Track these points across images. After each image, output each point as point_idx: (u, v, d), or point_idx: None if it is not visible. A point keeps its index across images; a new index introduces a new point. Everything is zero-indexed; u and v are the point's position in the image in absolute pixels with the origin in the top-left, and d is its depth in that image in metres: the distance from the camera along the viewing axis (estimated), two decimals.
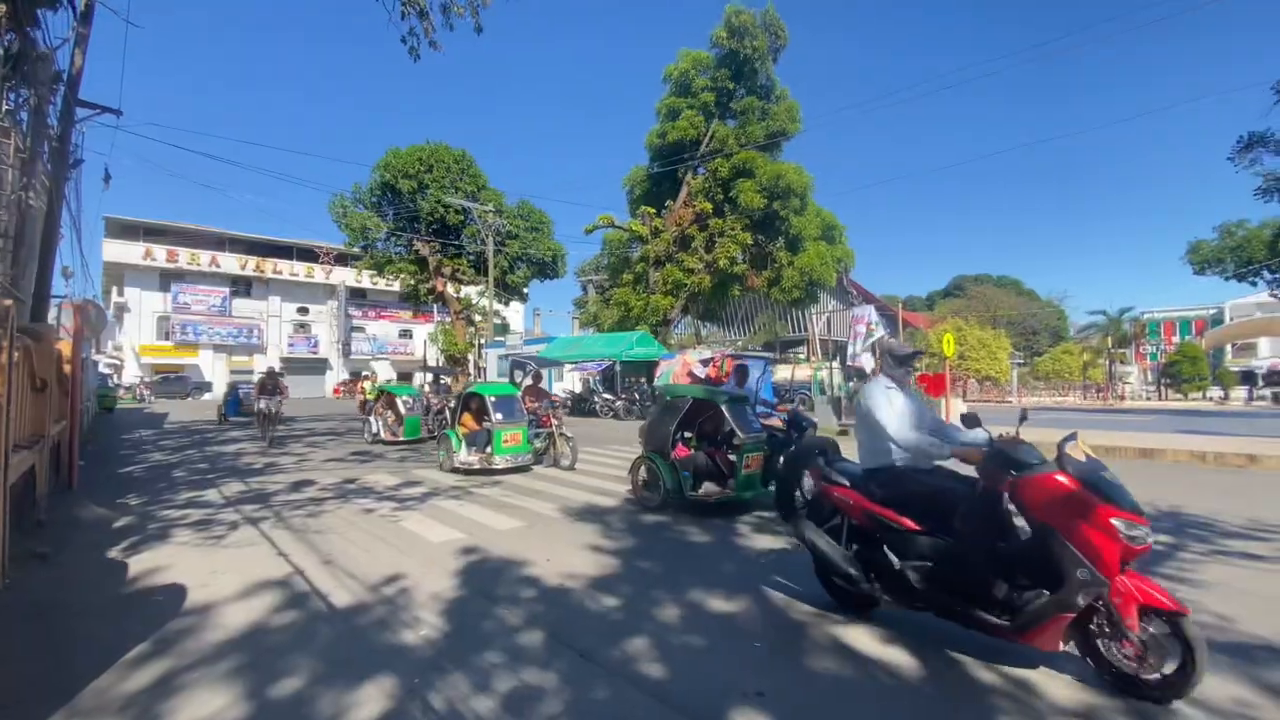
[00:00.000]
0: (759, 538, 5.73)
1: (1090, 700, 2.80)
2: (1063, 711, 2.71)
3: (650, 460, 6.83)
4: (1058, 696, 2.83)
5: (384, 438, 13.24)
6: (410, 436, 13.21)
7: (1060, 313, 63.22)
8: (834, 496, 3.71)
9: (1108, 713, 2.70)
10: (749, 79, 23.34)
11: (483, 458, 9.14)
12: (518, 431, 9.32)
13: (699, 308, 27.40)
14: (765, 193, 21.52)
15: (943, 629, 3.51)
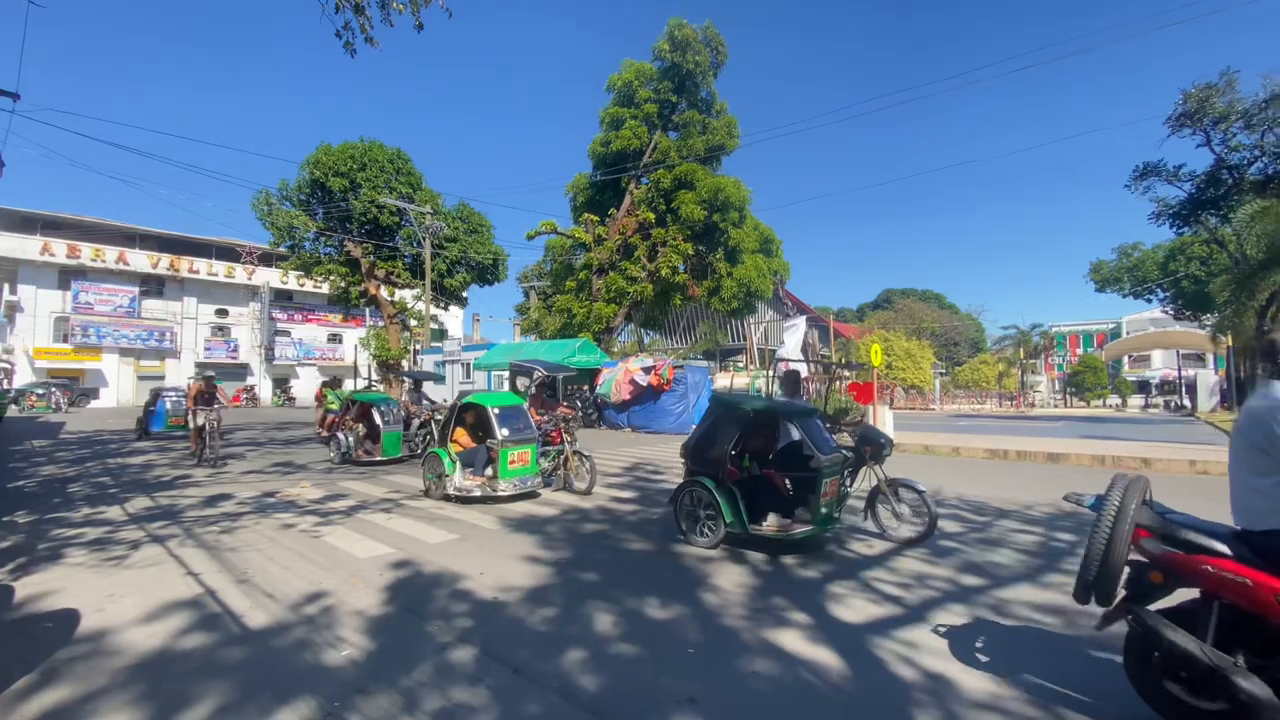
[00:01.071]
0: None
1: (999, 692, 2.97)
2: (975, 704, 2.86)
3: (700, 486, 5.49)
4: (972, 689, 2.99)
5: (356, 456, 11.09)
6: (390, 455, 11.14)
7: (978, 326, 67.40)
8: (1201, 571, 2.45)
9: (1014, 703, 2.87)
10: (690, 92, 23.81)
11: (483, 482, 7.58)
12: (526, 450, 7.73)
13: (641, 315, 27.58)
14: (705, 205, 21.96)
15: (868, 629, 3.66)
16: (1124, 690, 2.76)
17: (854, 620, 3.86)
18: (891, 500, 5.77)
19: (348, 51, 7.52)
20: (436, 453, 7.98)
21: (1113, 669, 3.01)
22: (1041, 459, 11.99)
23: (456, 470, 7.67)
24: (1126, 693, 2.74)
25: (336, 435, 11.51)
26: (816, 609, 4.05)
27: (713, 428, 5.65)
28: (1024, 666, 3.22)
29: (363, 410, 11.67)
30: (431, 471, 8.04)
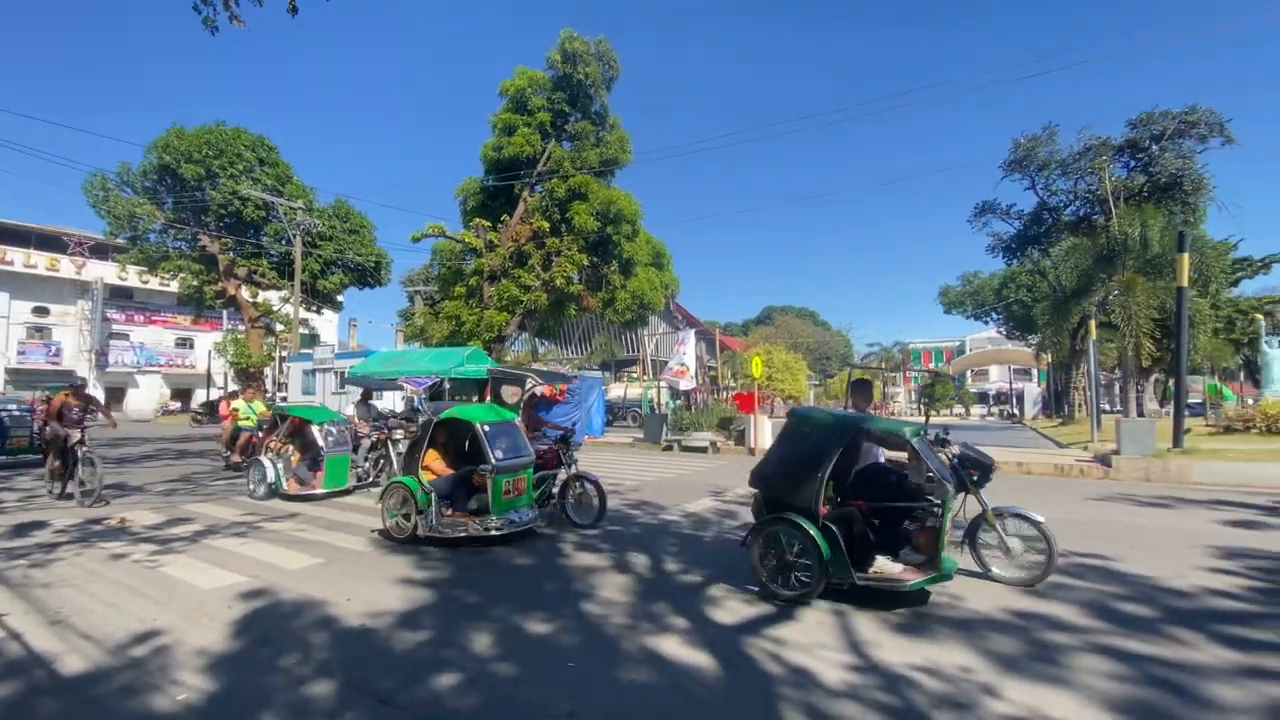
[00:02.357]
0: (581, 556, 5.78)
1: (856, 681, 3.23)
2: (833, 693, 3.09)
3: (790, 525, 4.34)
4: (830, 680, 3.22)
5: (287, 488, 8.73)
6: (334, 486, 8.88)
7: (848, 341, 73.32)
8: None
9: (870, 690, 3.13)
10: (584, 105, 23.95)
11: (468, 519, 6.08)
12: (522, 477, 6.35)
13: (536, 325, 27.20)
14: (599, 217, 22.14)
15: (742, 629, 3.84)
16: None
17: (729, 621, 4.03)
18: (1000, 533, 4.82)
19: (208, 28, 6.88)
20: (403, 483, 6.22)
21: (966, 649, 3.37)
22: None
23: (432, 505, 6.01)
24: None
25: (259, 461, 8.95)
26: (695, 613, 4.19)
27: (800, 449, 4.55)
28: (878, 653, 3.52)
29: (295, 428, 9.26)
30: (396, 507, 6.25)
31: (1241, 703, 2.99)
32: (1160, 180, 25.52)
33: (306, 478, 8.96)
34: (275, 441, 9.15)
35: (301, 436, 9.29)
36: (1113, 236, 21.95)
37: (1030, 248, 31.26)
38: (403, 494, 6.23)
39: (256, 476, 8.94)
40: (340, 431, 9.25)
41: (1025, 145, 28.57)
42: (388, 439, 9.99)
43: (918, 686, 3.14)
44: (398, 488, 6.32)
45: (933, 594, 4.59)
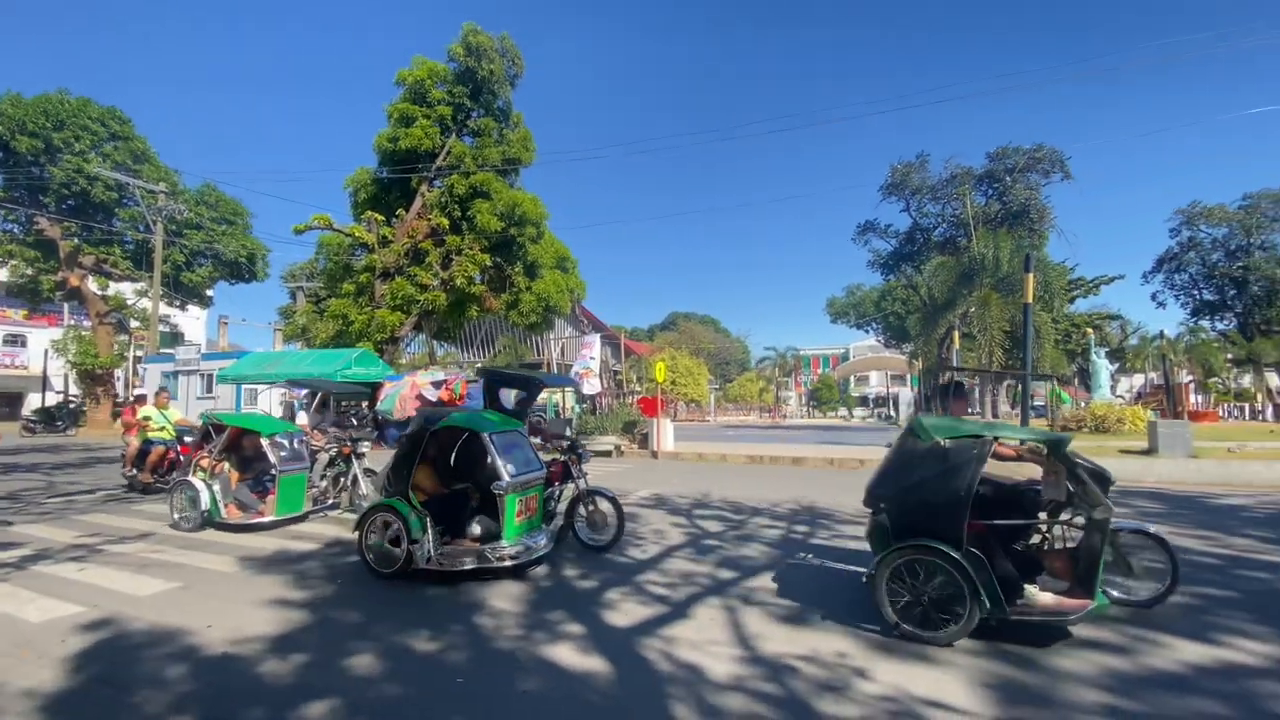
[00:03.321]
0: None
1: (743, 673, 3.36)
2: (722, 687, 3.20)
3: (932, 553, 3.74)
4: (719, 675, 3.34)
5: (226, 515, 7.09)
6: (288, 511, 7.29)
7: (745, 348, 76.61)
8: None
9: (756, 681, 3.27)
10: (487, 101, 23.39)
11: (471, 546, 5.22)
12: (534, 495, 5.58)
13: (433, 326, 26.07)
14: (503, 217, 21.67)
15: (636, 631, 3.89)
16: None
17: (624, 624, 4.07)
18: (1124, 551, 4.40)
19: None
20: (391, 506, 5.16)
21: (835, 640, 3.60)
22: (788, 462, 13.96)
23: (428, 532, 5.05)
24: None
25: (187, 483, 7.18)
26: (591, 618, 4.19)
27: (935, 465, 3.92)
28: (765, 645, 3.69)
29: (234, 441, 7.59)
30: (380, 536, 5.18)
31: (1079, 671, 3.42)
32: (1012, 208, 28.90)
33: (251, 502, 7.33)
34: (207, 458, 7.36)
35: (240, 451, 7.67)
36: (972, 257, 24.54)
37: (905, 264, 34.24)
38: (390, 519, 5.13)
39: (184, 502, 7.14)
40: (296, 444, 7.60)
41: (901, 171, 31.36)
42: (352, 452, 8.31)
43: (799, 674, 3.33)
44: (383, 511, 5.19)
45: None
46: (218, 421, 7.65)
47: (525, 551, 5.14)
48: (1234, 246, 33.78)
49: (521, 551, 5.10)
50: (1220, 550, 6.09)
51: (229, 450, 7.55)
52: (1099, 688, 3.21)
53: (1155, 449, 12.29)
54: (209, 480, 7.17)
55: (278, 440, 7.34)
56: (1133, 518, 7.75)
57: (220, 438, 7.42)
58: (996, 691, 3.15)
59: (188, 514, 7.10)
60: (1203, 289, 35.89)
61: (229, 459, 7.53)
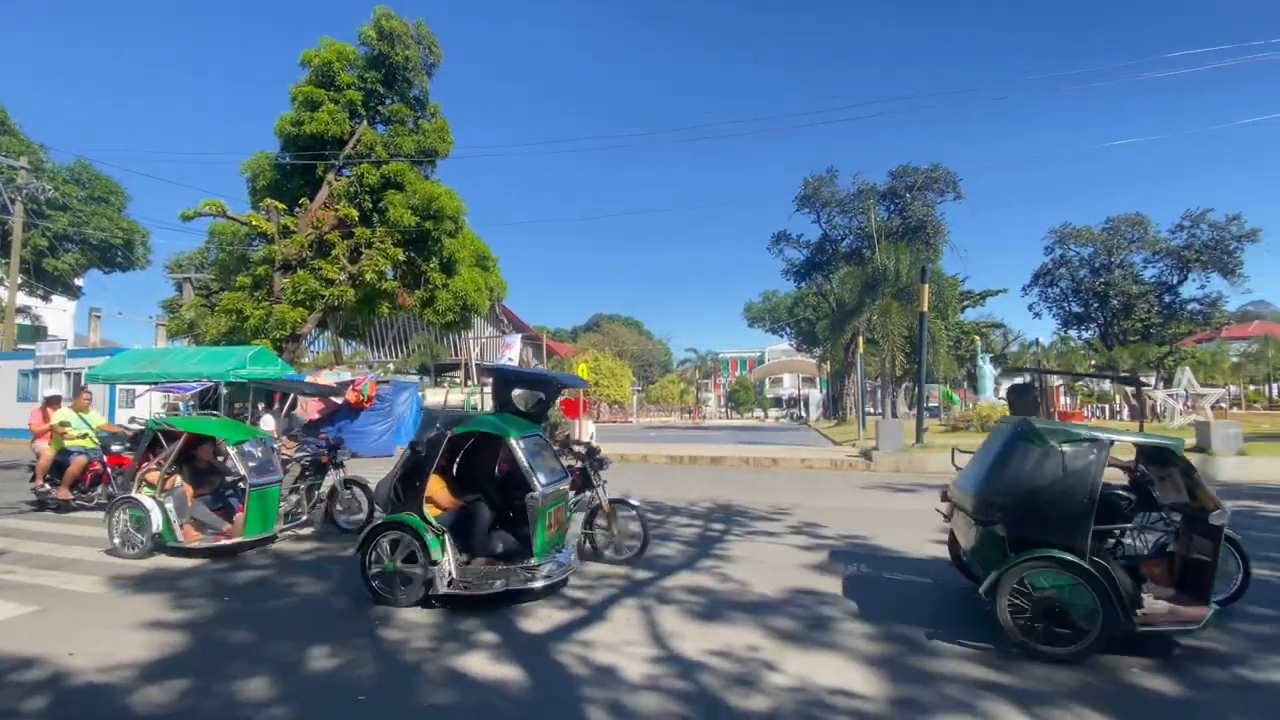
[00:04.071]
0: None
1: (658, 673, 3.39)
2: (636, 687, 3.21)
3: (1058, 564, 3.55)
4: (633, 675, 3.34)
5: (184, 540, 5.93)
6: (259, 531, 6.15)
7: (667, 350, 77.82)
8: None
9: (670, 679, 3.31)
10: (402, 88, 22.40)
11: (495, 566, 4.67)
12: (562, 506, 5.10)
13: (340, 323, 24.60)
14: (418, 211, 20.80)
15: (551, 636, 3.83)
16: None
17: (539, 630, 4.00)
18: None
19: None
20: (403, 523, 4.51)
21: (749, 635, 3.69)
22: (707, 462, 14.30)
23: (448, 552, 4.44)
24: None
25: (133, 500, 5.98)
26: (505, 626, 4.08)
27: (1053, 472, 3.72)
28: (679, 644, 3.74)
29: (188, 451, 6.43)
30: (388, 557, 4.51)
31: (958, 650, 3.71)
32: (911, 223, 31.08)
33: (213, 522, 6.24)
34: (155, 471, 6.22)
35: (192, 463, 6.52)
36: (876, 268, 26.17)
37: (816, 273, 36.00)
38: (402, 538, 4.50)
39: (127, 524, 5.94)
40: (267, 453, 6.50)
41: (813, 184, 32.98)
42: (330, 462, 7.34)
43: (712, 670, 3.40)
44: (394, 529, 4.53)
45: (726, 581, 5.03)
46: (169, 427, 6.45)
47: (557, 569, 4.67)
48: (1097, 264, 37.94)
49: (554, 570, 4.63)
50: None
51: (182, 460, 6.40)
52: (973, 661, 3.50)
53: None
54: (159, 497, 5.95)
55: (247, 449, 6.21)
56: None
57: (173, 447, 6.20)
58: (891, 674, 3.36)
59: (132, 538, 5.92)
60: (1071, 302, 40.04)
61: (181, 471, 6.36)
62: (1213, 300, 35.96)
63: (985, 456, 4.26)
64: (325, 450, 7.47)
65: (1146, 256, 37.05)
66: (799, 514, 7.92)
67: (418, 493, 4.59)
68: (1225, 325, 39.57)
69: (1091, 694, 3.13)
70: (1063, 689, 3.18)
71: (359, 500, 7.17)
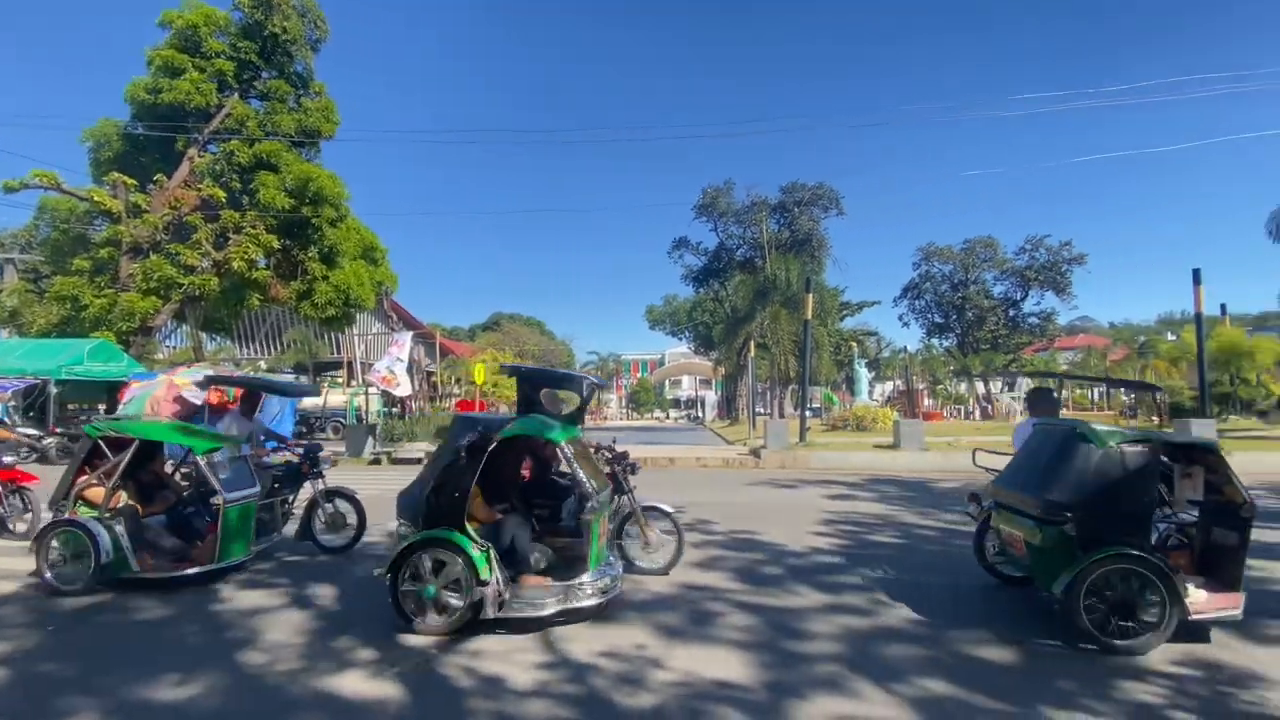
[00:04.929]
0: (245, 596, 4.86)
1: (546, 678, 3.35)
2: (523, 694, 3.15)
3: (1133, 559, 3.69)
4: (520, 682, 3.29)
5: (140, 569, 4.94)
6: (234, 557, 5.23)
7: (570, 351, 77.31)
8: None
9: (559, 684, 3.28)
10: (281, 63, 20.62)
11: (544, 583, 4.20)
12: (606, 515, 4.74)
13: (201, 315, 22.13)
14: (294, 194, 19.20)
15: (438, 647, 3.68)
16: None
17: (423, 643, 3.82)
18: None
19: None
20: (448, 540, 3.98)
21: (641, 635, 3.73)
22: None
23: (493, 569, 3.94)
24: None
25: (71, 525, 4.89)
26: (385, 640, 3.87)
27: (1113, 471, 3.86)
28: (568, 647, 3.72)
29: (139, 462, 5.36)
30: (429, 578, 3.98)
31: (826, 631, 4.00)
32: (799, 236, 33.07)
33: (175, 547, 5.23)
34: (96, 486, 5.16)
35: (135, 476, 5.42)
36: (767, 276, 27.62)
37: (713, 279, 37.34)
38: (447, 557, 3.97)
39: (63, 552, 4.88)
40: (241, 465, 5.58)
41: (710, 194, 34.23)
42: (311, 472, 6.34)
43: (600, 671, 3.42)
44: (436, 547, 4.00)
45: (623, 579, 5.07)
46: (115, 434, 5.27)
47: (611, 584, 4.28)
48: (956, 280, 42.41)
49: (609, 584, 4.25)
50: (935, 525, 7.56)
51: (129, 477, 5.31)
52: (840, 642, 3.79)
53: (898, 443, 14.88)
54: (107, 519, 4.91)
55: (217, 459, 5.27)
56: (878, 501, 9.31)
57: (121, 456, 5.08)
58: (765, 660, 3.55)
59: (65, 571, 4.85)
60: (934, 313, 44.44)
61: (126, 488, 5.34)
62: (1047, 315, 41.34)
63: (1037, 458, 4.37)
64: (305, 458, 6.42)
65: (996, 275, 41.92)
66: (692, 511, 8.14)
67: (458, 505, 4.05)
68: (1057, 337, 45.70)
69: (938, 667, 3.48)
70: (913, 664, 3.52)
71: (343, 515, 6.31)
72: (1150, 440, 3.96)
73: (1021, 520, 4.17)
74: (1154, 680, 3.29)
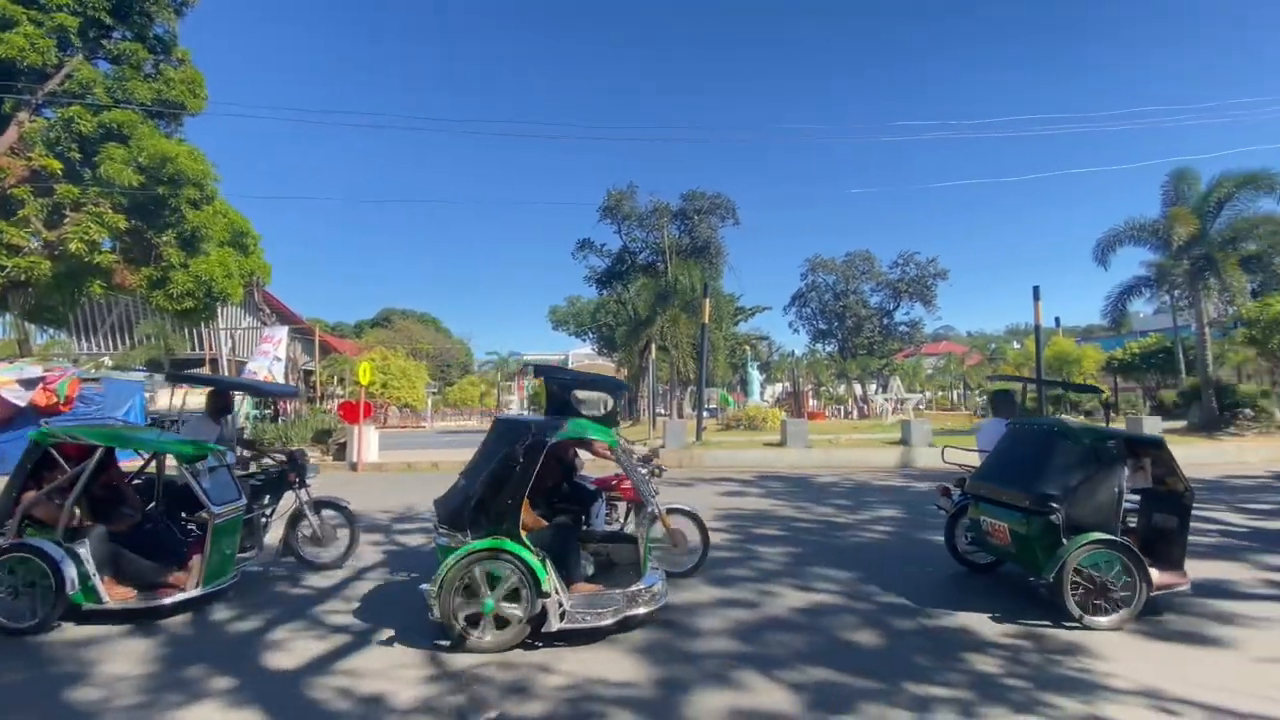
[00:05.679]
0: (80, 625, 4.24)
1: (430, 693, 3.21)
2: (405, 712, 3.00)
3: (1107, 546, 4.12)
4: (402, 700, 3.12)
5: (111, 599, 4.05)
6: (220, 580, 4.48)
7: (468, 350, 74.72)
8: None
9: (444, 697, 3.15)
10: (138, 24, 18.22)
11: (599, 593, 3.95)
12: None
13: (27, 302, 19.10)
14: (147, 172, 17.06)
15: (309, 670, 3.41)
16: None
17: (292, 665, 3.53)
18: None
19: None
20: (504, 549, 3.69)
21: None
22: None
23: (551, 579, 3.68)
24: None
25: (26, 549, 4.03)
26: (246, 665, 3.53)
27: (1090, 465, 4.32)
28: (456, 660, 3.58)
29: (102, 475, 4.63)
30: (486, 591, 3.68)
31: (718, 627, 4.13)
32: (698, 243, 34.05)
33: (148, 572, 4.42)
34: (45, 506, 4.30)
35: (88, 491, 4.46)
36: (668, 281, 28.22)
37: (616, 281, 37.58)
38: (504, 568, 3.69)
39: (13, 584, 4.07)
40: (224, 473, 4.88)
41: (615, 196, 34.46)
42: (299, 480, 5.72)
43: (489, 682, 3.32)
44: (491, 558, 3.70)
45: None
46: (72, 440, 4.43)
47: (663, 590, 4.15)
48: (839, 290, 45.59)
49: (661, 590, 4.10)
50: (815, 518, 8.06)
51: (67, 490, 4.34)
52: (728, 636, 3.94)
53: (785, 442, 15.72)
54: (64, 543, 4.09)
55: (202, 469, 4.57)
56: (766, 497, 9.78)
57: (82, 468, 4.28)
58: (655, 657, 3.61)
59: (17, 606, 4.03)
60: (819, 320, 47.52)
61: (81, 506, 4.39)
62: (915, 324, 45.41)
63: (1020, 455, 4.77)
64: (290, 465, 5.81)
65: (872, 286, 45.49)
66: None
67: (513, 512, 3.82)
68: (923, 344, 50.35)
69: (813, 652, 3.70)
70: (792, 652, 3.72)
71: (332, 528, 5.78)
72: (1119, 437, 4.44)
73: (1008, 512, 4.49)
74: (995, 653, 3.69)
